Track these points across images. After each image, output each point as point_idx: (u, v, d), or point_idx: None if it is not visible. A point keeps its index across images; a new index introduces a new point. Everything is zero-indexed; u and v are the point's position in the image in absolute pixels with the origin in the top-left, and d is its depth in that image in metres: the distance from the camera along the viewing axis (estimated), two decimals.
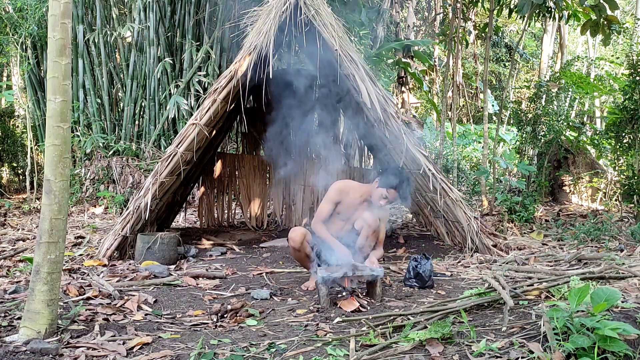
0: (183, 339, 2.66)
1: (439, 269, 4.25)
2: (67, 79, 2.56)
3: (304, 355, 2.39)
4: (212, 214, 6.54)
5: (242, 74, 4.58)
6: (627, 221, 6.24)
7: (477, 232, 4.67)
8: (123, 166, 7.83)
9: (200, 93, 7.93)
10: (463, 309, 2.78)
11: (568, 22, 7.46)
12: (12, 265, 4.26)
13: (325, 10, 4.70)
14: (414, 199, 5.84)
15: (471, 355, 2.25)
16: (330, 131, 6.64)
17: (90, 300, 3.26)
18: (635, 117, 5.85)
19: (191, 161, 4.82)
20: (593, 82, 7.82)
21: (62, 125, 2.54)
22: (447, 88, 9.61)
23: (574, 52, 15.19)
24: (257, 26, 4.69)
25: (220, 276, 4.11)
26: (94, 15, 8.39)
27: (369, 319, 2.78)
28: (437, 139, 11.76)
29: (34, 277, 2.55)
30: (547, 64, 12.56)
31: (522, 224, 6.01)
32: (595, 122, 10.65)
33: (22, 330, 2.52)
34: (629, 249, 4.60)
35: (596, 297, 2.30)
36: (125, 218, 4.69)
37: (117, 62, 8.58)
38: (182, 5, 8.19)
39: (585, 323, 2.18)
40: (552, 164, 7.97)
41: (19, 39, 7.91)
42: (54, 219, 2.54)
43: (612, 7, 6.46)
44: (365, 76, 4.60)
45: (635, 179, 5.81)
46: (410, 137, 4.76)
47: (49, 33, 2.53)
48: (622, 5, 14.71)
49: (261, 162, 6.71)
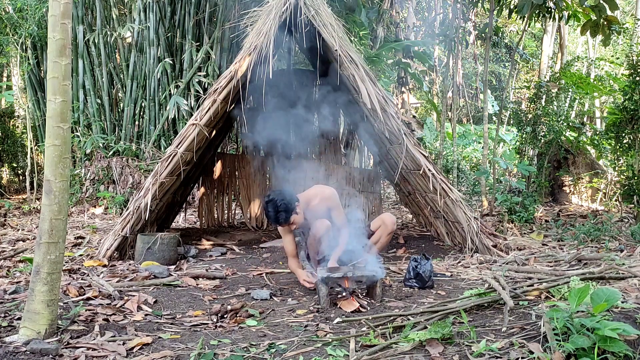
0: (183, 339, 2.66)
1: (439, 269, 4.25)
2: (67, 80, 2.56)
3: (303, 356, 2.39)
4: (212, 215, 6.53)
5: (242, 74, 4.58)
6: (627, 221, 6.24)
7: (477, 233, 4.67)
8: (123, 166, 7.84)
9: (200, 93, 7.93)
10: (463, 310, 2.78)
11: (568, 22, 7.46)
12: (12, 266, 4.27)
13: (325, 11, 4.70)
14: (414, 199, 5.85)
15: (471, 356, 2.25)
16: (330, 132, 6.65)
17: (90, 300, 3.25)
18: (635, 117, 5.85)
19: (191, 161, 4.82)
20: (593, 83, 7.82)
21: (62, 125, 2.54)
22: (447, 88, 9.62)
23: (574, 52, 15.19)
24: (257, 26, 4.69)
25: (220, 276, 4.11)
26: (94, 15, 8.39)
27: (369, 319, 2.78)
28: (437, 139, 11.77)
29: (34, 278, 2.55)
30: (547, 65, 12.57)
31: (522, 225, 6.01)
32: (595, 122, 10.64)
33: (22, 331, 2.52)
34: (629, 250, 4.60)
35: (596, 298, 2.30)
36: (125, 218, 4.69)
37: (117, 62, 8.58)
38: (182, 6, 8.19)
39: (585, 323, 2.18)
40: (552, 165, 7.97)
41: (19, 40, 7.91)
42: (54, 219, 2.54)
43: (612, 8, 6.46)
44: (365, 76, 4.60)
45: (635, 179, 5.81)
46: (410, 138, 4.76)
47: (49, 33, 2.53)
48: (622, 6, 14.71)
49: (261, 163, 6.71)
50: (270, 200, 3.62)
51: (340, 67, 4.61)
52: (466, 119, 16.81)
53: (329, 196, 3.88)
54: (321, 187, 4.05)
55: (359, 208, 6.08)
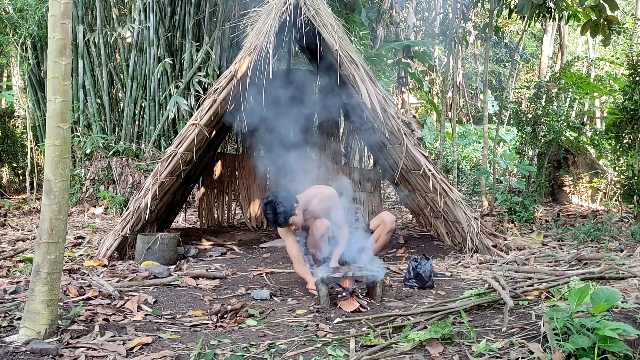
0: (183, 339, 2.66)
1: (439, 269, 4.25)
2: (67, 80, 2.56)
3: (303, 356, 2.39)
4: (212, 215, 6.53)
5: (242, 74, 4.58)
6: (627, 221, 6.24)
7: (477, 233, 4.67)
8: (123, 166, 7.83)
9: (200, 93, 7.93)
10: (463, 309, 2.78)
11: (568, 22, 7.46)
12: (12, 266, 4.26)
13: (325, 11, 4.70)
14: (414, 199, 5.85)
15: (471, 356, 2.25)
16: (330, 132, 6.65)
17: (90, 300, 3.25)
18: (635, 117, 5.85)
19: (191, 161, 4.82)
20: (593, 83, 7.82)
21: (62, 125, 2.54)
22: (447, 88, 9.62)
23: (574, 52, 15.18)
24: (257, 26, 4.69)
25: (220, 276, 4.11)
26: (94, 15, 8.39)
27: (369, 319, 2.78)
28: (437, 139, 11.77)
29: (34, 278, 2.55)
30: (547, 65, 12.56)
31: (522, 225, 6.01)
32: (595, 122, 10.64)
33: (22, 331, 2.52)
34: (629, 249, 4.60)
35: (596, 298, 2.30)
36: (125, 218, 4.69)
37: (117, 62, 8.58)
38: (182, 6, 8.19)
39: (585, 323, 2.18)
40: (552, 165, 7.97)
41: (19, 40, 7.91)
42: (54, 219, 2.54)
43: (612, 8, 6.46)
44: (365, 76, 4.60)
45: (635, 179, 5.81)
46: (410, 138, 4.76)
47: (49, 33, 2.53)
48: (622, 6, 14.71)
49: (261, 163, 6.70)
50: (268, 202, 3.60)
51: (340, 67, 4.61)
52: (466, 119, 16.81)
53: (329, 196, 3.87)
54: (320, 187, 4.04)
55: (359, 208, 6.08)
